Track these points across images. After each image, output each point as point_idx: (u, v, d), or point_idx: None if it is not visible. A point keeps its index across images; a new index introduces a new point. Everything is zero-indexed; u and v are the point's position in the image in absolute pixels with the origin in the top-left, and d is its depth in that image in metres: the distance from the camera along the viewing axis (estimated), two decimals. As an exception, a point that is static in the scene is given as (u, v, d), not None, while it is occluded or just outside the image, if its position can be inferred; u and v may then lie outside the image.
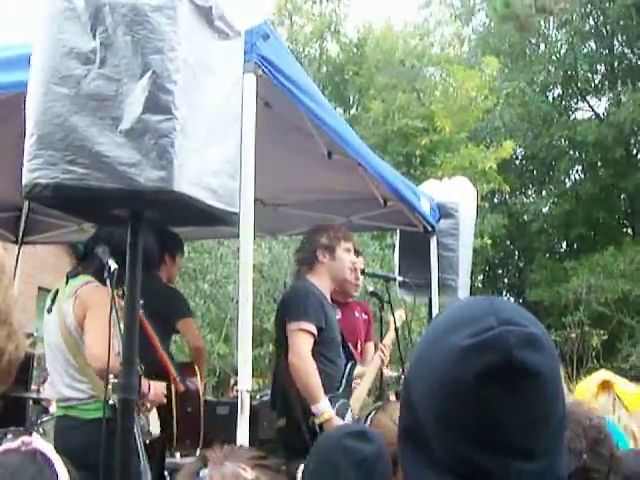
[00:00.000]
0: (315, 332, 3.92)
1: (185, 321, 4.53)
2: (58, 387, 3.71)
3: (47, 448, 1.18)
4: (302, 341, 3.90)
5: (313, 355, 3.90)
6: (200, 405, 4.38)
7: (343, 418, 3.89)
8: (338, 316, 4.46)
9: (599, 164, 22.36)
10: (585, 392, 2.92)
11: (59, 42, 1.99)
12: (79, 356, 3.58)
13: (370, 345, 4.87)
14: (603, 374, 3.07)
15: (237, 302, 3.03)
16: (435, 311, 5.46)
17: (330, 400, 3.88)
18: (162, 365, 4.31)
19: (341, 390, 4.03)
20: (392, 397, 4.71)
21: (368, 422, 2.10)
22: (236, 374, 6.04)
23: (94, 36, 1.96)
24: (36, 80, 2.02)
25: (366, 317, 4.95)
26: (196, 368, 4.47)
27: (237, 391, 3.21)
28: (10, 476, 1.11)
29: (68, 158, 1.95)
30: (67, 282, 3.73)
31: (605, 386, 2.92)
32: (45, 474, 1.14)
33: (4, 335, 1.13)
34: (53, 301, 3.77)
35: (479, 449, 1.06)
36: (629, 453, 2.28)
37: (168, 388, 4.16)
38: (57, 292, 3.79)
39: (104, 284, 3.55)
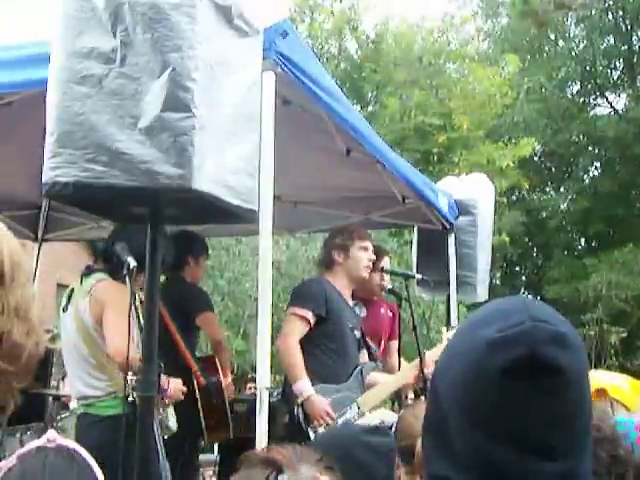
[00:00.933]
0: (310, 318, 3.96)
1: (204, 315, 4.58)
2: (76, 385, 3.73)
3: (78, 446, 1.18)
4: (292, 325, 3.96)
5: (313, 342, 3.95)
6: (224, 394, 4.44)
7: (343, 410, 3.91)
8: (363, 314, 4.46)
9: (618, 160, 22.14)
10: None
11: (79, 41, 1.99)
12: (97, 353, 3.59)
13: (394, 343, 4.87)
14: (595, 380, 3.00)
15: (255, 299, 3.02)
16: (453, 309, 5.44)
17: (326, 389, 3.89)
18: (184, 360, 4.36)
19: (347, 383, 4.04)
20: (410, 395, 4.69)
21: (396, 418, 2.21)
22: (253, 370, 6.04)
23: (114, 35, 1.96)
24: (56, 79, 2.03)
25: (391, 315, 4.95)
26: (217, 360, 4.53)
27: (250, 388, 3.23)
28: (59, 476, 1.10)
29: (88, 156, 1.96)
30: (82, 281, 3.75)
31: (600, 394, 2.87)
32: (87, 473, 1.14)
33: (24, 331, 1.13)
34: (69, 300, 3.79)
35: (499, 445, 1.04)
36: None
37: (191, 383, 4.20)
38: (72, 291, 3.81)
39: (119, 281, 3.57)
